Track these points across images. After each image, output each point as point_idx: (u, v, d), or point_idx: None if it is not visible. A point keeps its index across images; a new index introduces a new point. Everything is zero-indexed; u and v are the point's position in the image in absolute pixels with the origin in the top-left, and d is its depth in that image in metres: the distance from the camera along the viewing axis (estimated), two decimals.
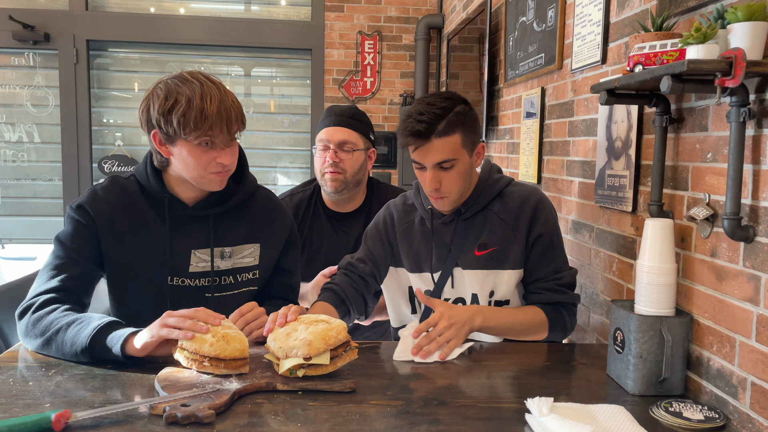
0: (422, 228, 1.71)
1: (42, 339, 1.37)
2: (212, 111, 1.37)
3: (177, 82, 1.41)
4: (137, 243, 1.51)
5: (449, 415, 1.14)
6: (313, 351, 1.23)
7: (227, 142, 1.45)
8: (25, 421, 1.01)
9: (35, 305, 1.41)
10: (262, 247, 1.62)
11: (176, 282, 1.54)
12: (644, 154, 1.60)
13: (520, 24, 2.63)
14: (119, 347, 1.29)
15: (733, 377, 1.20)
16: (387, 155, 4.61)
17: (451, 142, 1.53)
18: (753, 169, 1.16)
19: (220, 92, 1.41)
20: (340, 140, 1.99)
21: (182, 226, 1.54)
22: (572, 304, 1.64)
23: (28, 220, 4.55)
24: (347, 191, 2.04)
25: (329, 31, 4.54)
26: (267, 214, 1.65)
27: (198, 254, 1.55)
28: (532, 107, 2.44)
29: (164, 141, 1.45)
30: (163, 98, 1.40)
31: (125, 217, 1.51)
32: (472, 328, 1.51)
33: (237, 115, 1.43)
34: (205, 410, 1.08)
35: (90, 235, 1.50)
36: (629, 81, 1.30)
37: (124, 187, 1.54)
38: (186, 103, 1.37)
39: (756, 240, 1.14)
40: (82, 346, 1.31)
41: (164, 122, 1.40)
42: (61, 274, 1.46)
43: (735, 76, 1.06)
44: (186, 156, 1.43)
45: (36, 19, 4.28)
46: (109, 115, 4.57)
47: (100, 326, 1.32)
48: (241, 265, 1.59)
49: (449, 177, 1.56)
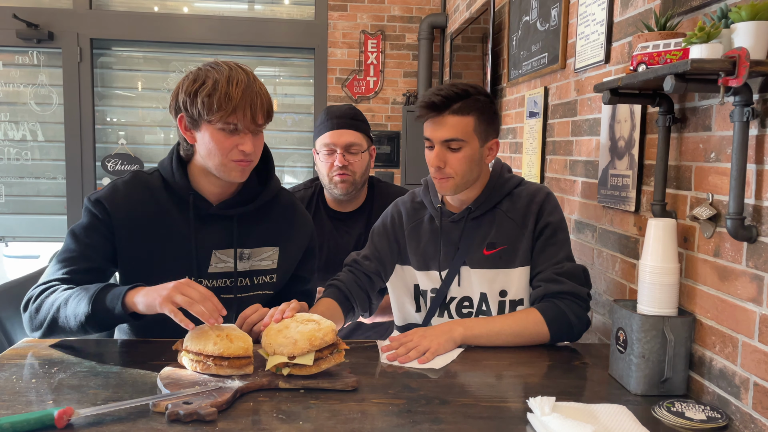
0: (431, 226, 1.71)
1: (46, 323, 1.36)
2: (237, 94, 1.37)
3: (208, 67, 1.43)
4: (157, 240, 1.49)
5: (451, 414, 1.14)
6: (297, 351, 1.23)
7: (251, 129, 1.43)
8: (28, 418, 1.02)
9: (35, 295, 1.41)
10: (281, 251, 1.61)
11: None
12: (647, 153, 1.59)
13: (523, 23, 2.63)
14: (120, 304, 1.28)
15: (736, 377, 1.19)
16: (390, 154, 4.61)
17: (464, 122, 1.55)
18: (756, 168, 1.15)
19: (248, 78, 1.41)
20: (347, 143, 1.99)
21: (205, 225, 1.52)
22: (573, 294, 1.54)
23: (31, 218, 4.56)
24: (355, 191, 2.05)
25: (332, 31, 4.54)
26: (289, 219, 1.64)
27: (218, 254, 1.52)
28: (535, 107, 2.44)
29: (189, 125, 1.45)
30: (191, 81, 1.41)
31: (145, 213, 1.49)
32: (452, 337, 1.48)
33: (263, 103, 1.42)
34: (207, 408, 1.08)
35: (105, 231, 1.47)
36: (632, 80, 1.30)
37: (147, 183, 1.52)
38: (212, 84, 1.38)
39: (759, 240, 1.14)
40: (85, 314, 1.31)
41: (190, 103, 1.40)
42: (70, 266, 1.44)
43: (738, 75, 1.05)
44: (209, 141, 1.42)
45: (40, 18, 4.29)
46: (112, 114, 4.58)
47: (98, 290, 1.32)
48: (258, 267, 1.58)
49: (455, 158, 1.56)
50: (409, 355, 1.42)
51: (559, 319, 1.53)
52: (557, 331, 1.53)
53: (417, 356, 1.42)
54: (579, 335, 1.57)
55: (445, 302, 1.68)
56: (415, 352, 1.43)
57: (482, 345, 1.52)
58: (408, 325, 1.76)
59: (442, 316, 1.69)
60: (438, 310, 1.69)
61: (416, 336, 1.48)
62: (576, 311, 1.54)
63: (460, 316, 1.66)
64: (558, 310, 1.53)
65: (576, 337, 1.57)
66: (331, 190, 2.04)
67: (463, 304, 1.66)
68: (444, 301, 1.68)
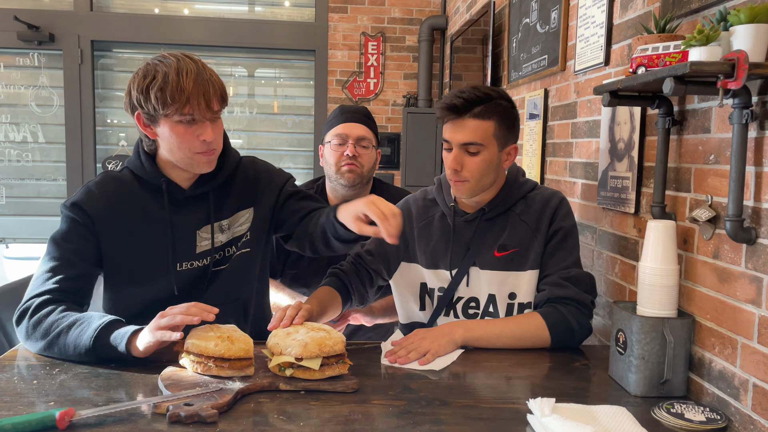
0: (442, 224, 1.71)
1: (44, 342, 1.37)
2: (188, 84, 1.37)
3: (155, 60, 1.42)
4: (139, 233, 1.49)
5: (451, 416, 1.14)
6: (306, 353, 1.23)
7: (207, 116, 1.42)
8: (30, 419, 1.02)
9: (31, 308, 1.40)
10: (255, 210, 1.62)
11: (185, 266, 1.53)
12: (647, 155, 1.60)
13: (523, 25, 2.63)
14: (124, 345, 1.29)
15: (735, 379, 1.20)
16: (390, 156, 4.61)
17: (484, 126, 1.55)
18: (755, 170, 1.16)
19: (197, 66, 1.41)
20: (358, 135, 2.03)
21: (182, 208, 1.53)
22: (577, 300, 1.54)
23: (32, 219, 4.57)
24: (360, 186, 2.06)
25: (333, 33, 4.55)
26: (253, 177, 1.64)
27: (201, 234, 1.54)
28: (535, 109, 2.45)
29: (147, 121, 1.44)
30: (141, 77, 1.40)
31: (124, 209, 1.50)
32: (453, 339, 1.49)
33: (215, 90, 1.42)
34: (208, 409, 1.08)
35: (87, 233, 1.47)
36: (632, 83, 1.30)
37: (119, 180, 1.53)
38: (162, 78, 1.37)
39: (758, 242, 1.14)
40: (85, 347, 1.32)
41: (144, 100, 1.39)
42: (57, 275, 1.43)
43: (737, 78, 1.06)
44: (169, 135, 1.42)
45: (41, 20, 4.29)
46: (113, 116, 4.58)
47: (101, 326, 1.32)
48: (238, 233, 1.60)
49: (472, 161, 1.56)
50: (409, 356, 1.42)
51: (561, 324, 1.53)
52: (558, 337, 1.53)
53: (417, 357, 1.42)
54: (580, 342, 1.57)
55: (452, 302, 1.68)
56: (415, 353, 1.43)
57: (483, 347, 1.53)
58: (413, 323, 1.76)
59: (447, 315, 1.69)
60: (444, 310, 1.69)
61: (416, 337, 1.49)
62: (578, 318, 1.54)
63: (465, 316, 1.67)
64: (560, 315, 1.53)
65: (577, 343, 1.57)
66: (338, 180, 2.05)
67: (469, 304, 1.66)
68: (451, 301, 1.68)
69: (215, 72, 1.45)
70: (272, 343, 1.30)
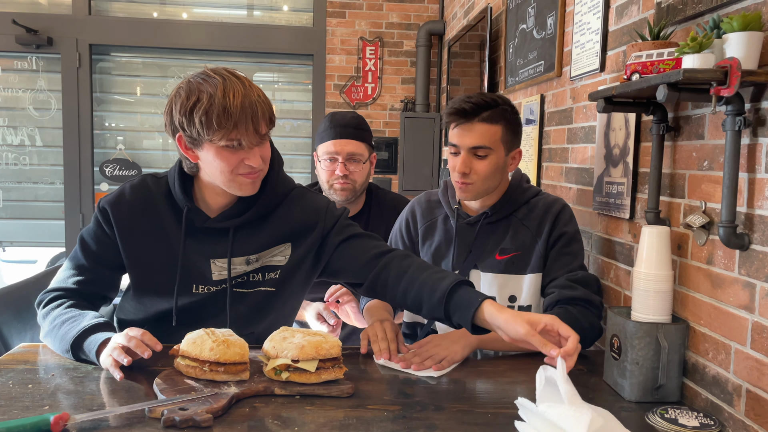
0: (445, 226, 1.73)
1: (44, 333, 1.43)
2: (236, 107, 1.28)
3: (199, 79, 1.32)
4: (155, 246, 1.47)
5: (446, 420, 1.15)
6: (303, 355, 1.24)
7: (255, 141, 1.35)
8: (24, 423, 1.02)
9: (45, 300, 1.46)
10: (294, 246, 1.52)
11: (201, 290, 1.49)
12: (642, 161, 1.60)
13: (520, 31, 2.64)
14: (94, 354, 1.32)
15: (729, 384, 1.20)
16: (388, 161, 4.62)
17: (492, 131, 1.58)
18: (748, 177, 1.17)
19: (244, 87, 1.31)
20: (349, 153, 2.00)
21: (201, 235, 1.47)
22: (586, 300, 1.54)
23: (29, 223, 4.56)
24: (354, 198, 2.07)
25: (331, 37, 4.55)
26: (298, 214, 1.53)
27: (218, 263, 1.48)
28: (532, 114, 2.46)
29: (189, 145, 1.37)
30: (184, 98, 1.31)
31: (146, 220, 1.47)
32: (469, 343, 1.49)
33: (264, 111, 1.33)
34: (203, 414, 1.08)
35: (107, 239, 1.47)
36: (626, 89, 1.31)
37: (153, 189, 1.49)
38: (208, 100, 1.28)
39: (751, 248, 1.15)
40: (66, 347, 1.35)
41: (187, 123, 1.31)
42: (78, 276, 1.47)
43: (730, 85, 1.07)
44: (213, 159, 1.35)
45: (39, 24, 4.30)
46: (111, 119, 4.58)
47: (85, 328, 1.34)
48: (271, 263, 1.52)
49: (480, 165, 1.59)
50: (425, 364, 1.42)
51: (572, 324, 1.49)
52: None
53: (433, 364, 1.42)
54: (591, 343, 1.57)
55: None
56: (431, 360, 1.43)
57: (497, 350, 1.54)
58: (415, 322, 1.78)
59: None
60: None
61: (431, 344, 1.48)
62: (589, 318, 1.54)
63: None
64: (571, 315, 1.52)
65: (588, 344, 1.55)
66: (330, 196, 2.05)
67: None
68: None
69: (262, 90, 1.36)
70: (269, 347, 1.30)
